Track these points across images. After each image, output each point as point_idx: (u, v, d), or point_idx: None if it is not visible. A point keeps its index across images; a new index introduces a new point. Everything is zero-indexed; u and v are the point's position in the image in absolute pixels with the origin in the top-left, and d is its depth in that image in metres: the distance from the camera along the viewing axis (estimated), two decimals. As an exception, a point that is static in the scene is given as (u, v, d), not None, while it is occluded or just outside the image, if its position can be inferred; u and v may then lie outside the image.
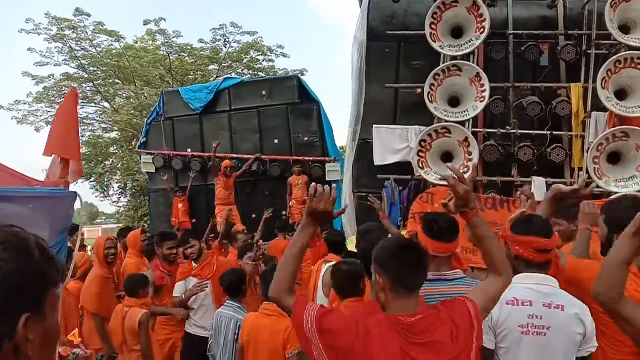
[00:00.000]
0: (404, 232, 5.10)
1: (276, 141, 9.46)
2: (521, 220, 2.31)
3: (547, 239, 2.19)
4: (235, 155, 9.42)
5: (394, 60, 6.82)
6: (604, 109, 6.02)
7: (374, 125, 6.71)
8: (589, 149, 5.98)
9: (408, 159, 6.52)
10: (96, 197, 23.02)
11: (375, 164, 6.72)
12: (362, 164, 7.06)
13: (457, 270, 2.42)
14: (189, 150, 9.73)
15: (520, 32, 6.43)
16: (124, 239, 5.99)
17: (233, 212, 8.60)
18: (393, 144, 6.67)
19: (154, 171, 9.97)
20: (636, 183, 5.72)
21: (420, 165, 6.09)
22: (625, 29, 5.89)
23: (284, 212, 8.89)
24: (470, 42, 5.92)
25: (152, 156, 9.89)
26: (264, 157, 9.33)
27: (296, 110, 9.36)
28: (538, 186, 6.06)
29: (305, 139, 9.33)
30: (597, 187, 5.73)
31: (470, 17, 5.89)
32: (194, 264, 4.52)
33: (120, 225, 24.77)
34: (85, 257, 5.95)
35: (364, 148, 7.03)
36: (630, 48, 5.74)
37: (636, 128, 5.72)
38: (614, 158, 5.94)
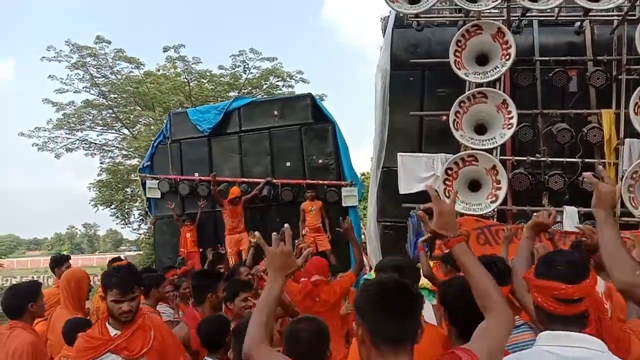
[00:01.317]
0: (431, 263, 5.14)
1: (288, 164, 9.18)
2: (545, 259, 1.92)
3: (573, 284, 1.74)
4: (245, 180, 9.17)
5: (418, 88, 6.97)
6: (638, 135, 6.01)
7: (399, 153, 6.81)
8: (623, 176, 5.96)
9: (434, 187, 6.56)
10: (116, 224, 23.57)
11: (400, 193, 6.78)
12: (387, 192, 7.15)
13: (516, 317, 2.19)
14: (197, 174, 9.46)
15: (547, 58, 6.52)
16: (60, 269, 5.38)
17: (241, 241, 8.54)
18: (418, 172, 6.74)
19: (159, 197, 9.71)
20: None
21: (447, 194, 6.12)
22: (657, 53, 5.91)
23: (297, 241, 8.41)
24: (496, 69, 5.99)
25: (157, 181, 9.67)
26: (275, 181, 9.02)
27: (310, 130, 9.08)
28: (570, 216, 6.05)
29: (320, 161, 9.02)
30: (633, 216, 5.71)
31: (495, 44, 5.97)
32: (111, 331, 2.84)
33: (141, 252, 25.20)
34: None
35: (388, 176, 7.12)
36: (664, 72, 5.76)
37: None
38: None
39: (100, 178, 22.71)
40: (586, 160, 6.31)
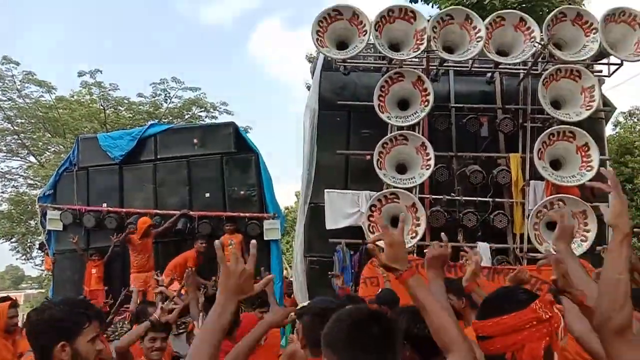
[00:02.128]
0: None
1: (207, 195, 8.86)
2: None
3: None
4: (159, 211, 8.74)
5: (345, 128, 7.37)
6: (542, 178, 6.73)
7: (326, 190, 7.15)
8: (529, 215, 6.65)
9: (359, 223, 6.93)
10: (17, 259, 22.22)
11: (327, 228, 7.09)
12: (313, 227, 7.39)
13: None
14: (104, 204, 8.93)
15: (462, 105, 7.17)
16: None
17: (149, 281, 7.98)
18: (344, 208, 7.09)
19: (61, 229, 9.05)
20: (574, 249, 6.38)
21: (371, 230, 6.52)
22: (556, 104, 6.71)
23: (213, 277, 8.01)
24: (415, 113, 6.56)
25: (60, 211, 8.99)
26: (192, 213, 8.60)
27: (232, 160, 8.84)
28: (482, 251, 6.62)
29: (242, 192, 8.78)
30: (538, 252, 6.37)
31: (415, 90, 6.55)
32: None
33: (43, 291, 23.80)
34: None
35: (315, 212, 7.41)
36: (562, 122, 6.54)
37: (571, 196, 6.45)
38: (554, 224, 6.61)
39: (0, 209, 21.47)
40: (496, 199, 6.95)
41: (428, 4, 15.48)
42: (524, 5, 13.42)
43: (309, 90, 21.51)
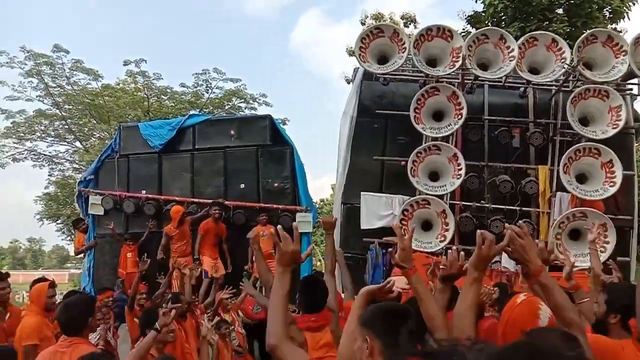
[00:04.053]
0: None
1: (242, 186, 9.21)
2: None
3: None
4: (195, 200, 9.19)
5: (382, 135, 8.05)
6: (567, 190, 7.32)
7: (362, 192, 7.84)
8: (552, 225, 7.26)
9: (392, 225, 7.66)
10: (62, 239, 23.74)
11: (362, 228, 7.82)
12: (349, 226, 8.01)
13: None
14: (144, 192, 9.38)
15: (494, 117, 7.76)
16: None
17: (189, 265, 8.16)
18: (378, 210, 7.79)
19: (102, 213, 9.52)
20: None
21: (403, 232, 7.24)
22: (584, 121, 7.28)
23: (245, 267, 8.69)
24: (449, 126, 7.23)
25: (102, 197, 9.47)
26: (227, 202, 8.96)
27: (267, 152, 9.19)
28: (507, 257, 7.28)
29: (275, 184, 9.12)
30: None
31: (449, 104, 7.21)
32: None
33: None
34: None
35: (351, 212, 8.11)
36: (589, 139, 7.12)
37: (593, 210, 7.03)
38: (576, 234, 7.22)
39: (47, 191, 22.94)
40: (523, 208, 7.56)
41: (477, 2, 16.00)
42: (571, 1, 13.84)
43: (347, 83, 22.35)
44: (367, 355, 2.00)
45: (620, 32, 14.46)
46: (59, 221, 22.82)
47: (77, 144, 23.09)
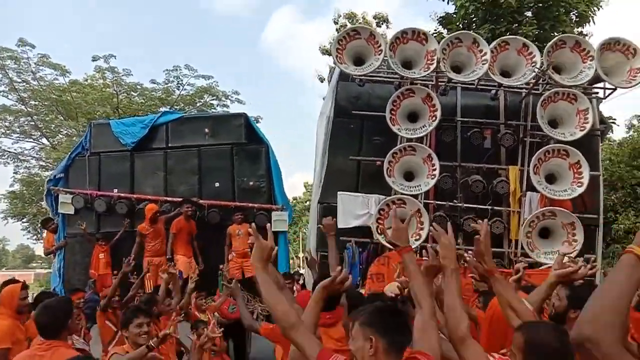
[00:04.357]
0: (362, 291, 6.37)
1: (217, 184, 9.26)
2: None
3: None
4: (168, 199, 9.15)
5: (357, 135, 8.19)
6: (536, 190, 7.58)
7: (338, 192, 7.96)
8: (523, 223, 7.53)
9: (368, 223, 7.78)
10: (27, 238, 23.35)
11: (338, 227, 7.94)
12: None
13: None
14: (116, 190, 9.31)
15: (467, 119, 7.96)
16: None
17: (163, 265, 8.10)
18: (355, 209, 7.92)
19: (72, 213, 9.44)
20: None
21: (379, 231, 7.38)
22: (554, 123, 7.55)
23: (221, 266, 8.69)
24: (424, 127, 7.41)
25: (72, 195, 9.37)
26: (201, 201, 9.02)
27: (242, 151, 9.25)
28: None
29: (251, 183, 9.17)
30: (528, 257, 7.26)
31: (424, 106, 7.39)
32: None
33: (52, 270, 24.93)
34: None
35: (327, 211, 8.20)
36: (557, 141, 7.39)
37: (562, 209, 7.31)
38: (545, 233, 7.50)
39: (12, 189, 22.52)
40: (495, 207, 7.79)
41: (443, 0, 16.33)
42: (540, 4, 14.26)
43: (321, 82, 22.45)
44: (370, 355, 2.09)
45: (586, 35, 15.00)
46: (24, 220, 22.46)
47: (44, 140, 22.74)
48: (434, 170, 7.37)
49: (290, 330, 2.26)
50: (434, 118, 7.34)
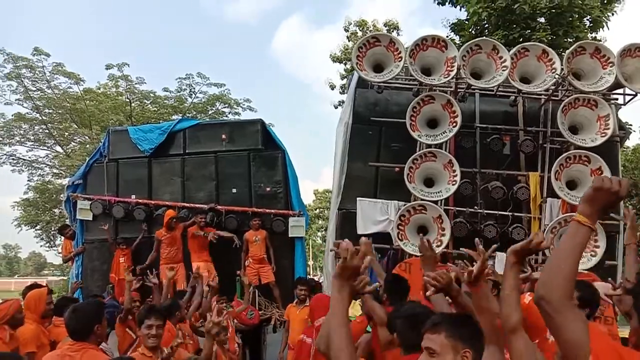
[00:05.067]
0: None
1: (234, 190, 9.26)
2: None
3: None
4: (186, 205, 9.16)
5: (376, 142, 8.23)
6: (558, 196, 7.54)
7: (358, 198, 8.00)
8: (544, 230, 7.52)
9: (387, 230, 7.81)
10: (41, 246, 23.51)
11: (358, 233, 7.96)
12: (344, 231, 8.13)
13: None
14: (133, 196, 9.35)
15: (486, 125, 8.01)
16: None
17: (179, 271, 8.46)
18: (374, 215, 7.95)
19: (91, 218, 9.43)
20: (583, 263, 7.25)
21: (400, 237, 7.42)
22: (574, 129, 7.56)
23: (238, 272, 8.73)
24: (444, 133, 7.44)
25: (90, 202, 9.37)
26: (219, 207, 9.03)
27: (259, 157, 9.26)
28: (500, 260, 7.51)
29: (268, 189, 9.17)
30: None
31: (444, 112, 7.42)
32: None
33: (65, 278, 24.97)
34: None
35: (346, 217, 8.26)
36: (578, 147, 7.40)
37: (581, 214, 7.29)
38: (566, 239, 7.47)
39: (26, 196, 22.71)
40: (515, 214, 7.80)
41: (455, 7, 16.37)
42: (553, 10, 14.26)
43: (332, 89, 22.56)
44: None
45: (600, 40, 14.95)
46: (37, 227, 22.57)
47: (58, 148, 22.93)
48: (455, 176, 7.39)
49: None
50: (454, 124, 7.36)
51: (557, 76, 7.22)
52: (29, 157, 22.87)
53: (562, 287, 1.76)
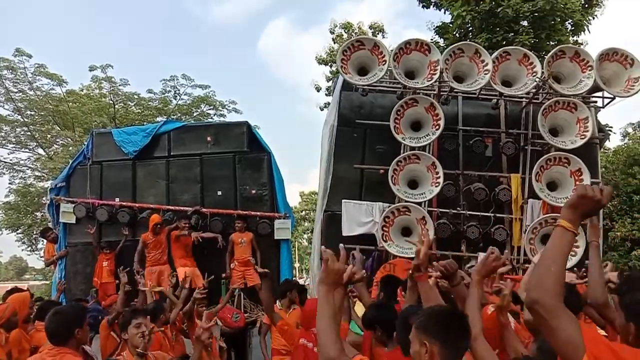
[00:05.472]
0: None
1: (219, 193, 9.29)
2: None
3: None
4: (171, 207, 9.20)
5: (361, 144, 8.35)
6: (539, 197, 7.73)
7: (343, 200, 8.08)
8: (526, 230, 7.69)
9: (372, 231, 7.92)
10: (22, 250, 23.26)
11: (343, 235, 8.08)
12: (330, 233, 8.23)
13: None
14: (117, 199, 9.33)
15: (469, 128, 8.16)
16: None
17: (164, 274, 8.50)
18: (359, 217, 8.04)
19: (74, 222, 9.43)
20: None
21: (384, 239, 7.53)
22: (554, 132, 7.73)
23: (223, 275, 8.83)
24: (427, 136, 7.57)
25: (73, 205, 9.36)
26: (204, 210, 9.07)
27: (244, 159, 9.31)
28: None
29: (253, 191, 9.21)
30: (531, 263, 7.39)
31: (428, 115, 7.55)
32: None
33: (47, 282, 24.81)
34: None
35: (332, 219, 8.35)
36: (558, 149, 7.57)
37: (562, 216, 7.46)
38: (547, 239, 7.62)
39: (7, 199, 22.52)
40: (497, 215, 7.95)
41: (440, 10, 16.58)
42: (536, 14, 14.52)
43: (317, 91, 22.67)
44: (429, 357, 2.18)
45: (581, 44, 15.27)
46: (19, 231, 22.36)
47: (40, 151, 22.75)
48: (438, 178, 7.51)
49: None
50: (437, 127, 7.50)
51: (537, 79, 7.39)
52: (10, 160, 22.69)
53: (553, 289, 1.84)
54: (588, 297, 3.34)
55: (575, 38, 15.63)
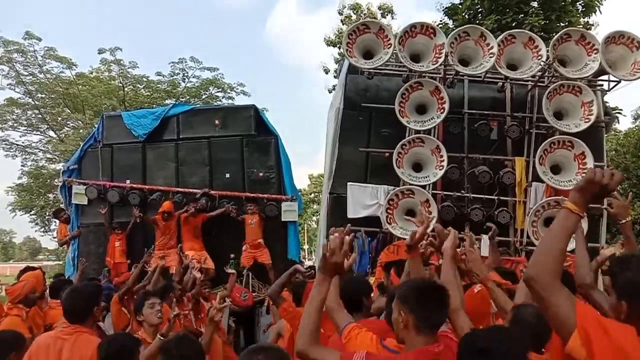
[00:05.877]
0: (372, 279, 6.63)
1: (228, 175, 9.40)
2: None
3: None
4: (180, 189, 9.33)
5: (366, 127, 8.45)
6: (542, 180, 7.81)
7: (348, 183, 8.22)
8: (529, 213, 7.78)
9: (377, 214, 8.05)
10: (35, 231, 23.64)
11: (348, 217, 8.21)
12: (335, 215, 8.37)
13: None
14: (128, 181, 9.48)
15: (474, 111, 8.22)
16: None
17: (170, 256, 8.50)
18: (364, 200, 8.19)
19: (86, 203, 9.61)
20: None
21: (388, 221, 7.66)
22: (559, 115, 7.79)
23: (232, 255, 8.95)
24: (432, 119, 7.65)
25: (85, 186, 9.54)
26: (212, 192, 9.20)
27: (252, 142, 9.42)
28: (485, 243, 7.78)
29: (261, 174, 9.32)
30: (534, 245, 7.50)
31: (432, 98, 7.63)
32: None
33: (60, 262, 25.18)
34: None
35: (337, 201, 8.49)
36: (562, 132, 7.63)
37: (567, 199, 7.54)
38: (550, 222, 7.71)
39: (20, 181, 22.82)
40: (501, 197, 8.05)
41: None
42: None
43: (326, 73, 22.65)
44: (402, 327, 2.33)
45: (592, 25, 15.16)
46: (32, 212, 22.71)
47: (51, 133, 22.97)
48: (442, 161, 7.61)
49: (303, 352, 2.38)
50: (442, 110, 7.57)
51: (542, 63, 7.42)
52: (22, 142, 22.92)
53: (551, 268, 1.92)
54: (575, 278, 3.45)
55: (586, 19, 15.51)
